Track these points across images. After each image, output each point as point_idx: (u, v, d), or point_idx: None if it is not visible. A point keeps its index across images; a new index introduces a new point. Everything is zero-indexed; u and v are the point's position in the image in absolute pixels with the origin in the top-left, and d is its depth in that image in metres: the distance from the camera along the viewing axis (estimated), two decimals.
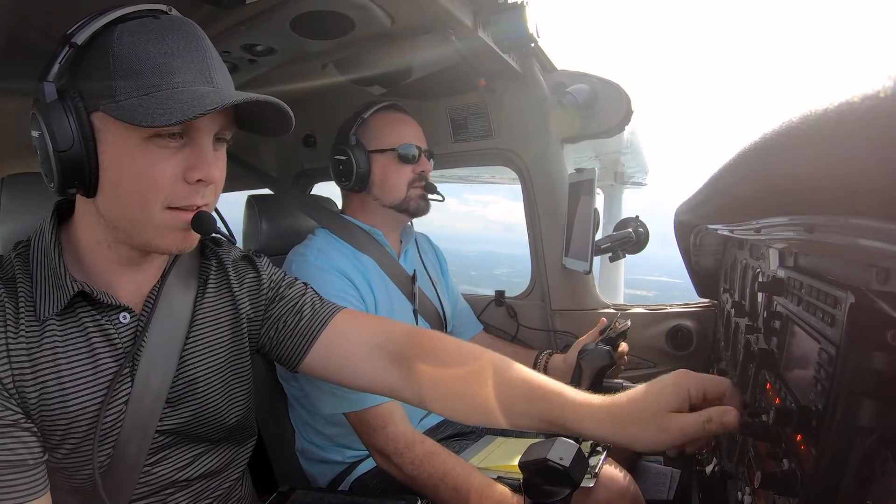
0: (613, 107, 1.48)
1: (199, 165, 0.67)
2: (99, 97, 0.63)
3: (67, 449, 0.70)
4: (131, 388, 0.73)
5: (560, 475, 0.57)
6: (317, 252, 1.23)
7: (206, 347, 0.81)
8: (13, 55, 1.02)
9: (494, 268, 34.64)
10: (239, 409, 0.86)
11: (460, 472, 0.98)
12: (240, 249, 0.91)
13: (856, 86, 0.27)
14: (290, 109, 0.70)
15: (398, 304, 1.32)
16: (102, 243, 0.71)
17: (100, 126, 0.64)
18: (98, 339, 0.72)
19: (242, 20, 1.07)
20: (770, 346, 0.74)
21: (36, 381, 0.67)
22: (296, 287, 0.91)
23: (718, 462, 0.94)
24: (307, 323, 0.87)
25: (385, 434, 1.05)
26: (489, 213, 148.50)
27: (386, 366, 0.85)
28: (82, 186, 0.66)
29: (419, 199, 1.33)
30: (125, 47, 0.63)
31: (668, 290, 21.42)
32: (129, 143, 0.64)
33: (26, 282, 0.69)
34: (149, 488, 0.77)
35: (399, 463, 1.03)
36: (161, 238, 0.69)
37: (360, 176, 1.30)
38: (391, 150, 1.29)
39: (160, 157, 0.65)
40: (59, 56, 0.64)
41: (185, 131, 0.66)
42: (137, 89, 0.63)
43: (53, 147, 0.63)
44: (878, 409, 0.44)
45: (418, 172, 1.31)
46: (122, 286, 0.75)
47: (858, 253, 0.48)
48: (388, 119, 1.33)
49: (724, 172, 0.66)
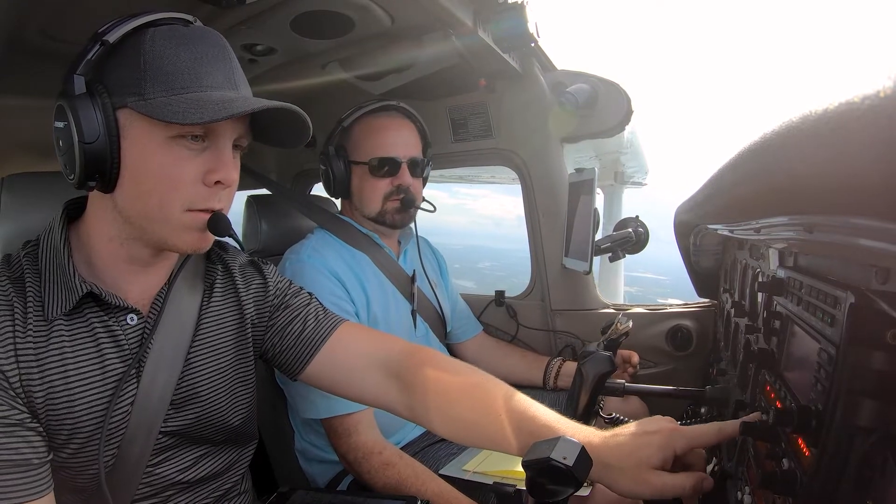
0: (614, 106, 1.48)
1: (219, 168, 0.69)
2: (127, 94, 0.65)
3: (73, 449, 0.70)
4: (137, 390, 0.73)
5: (563, 474, 0.57)
6: (311, 250, 1.23)
7: (211, 351, 0.82)
8: (13, 55, 1.02)
9: (478, 261, 34.53)
10: (242, 412, 0.86)
11: (413, 482, 1.01)
12: (246, 255, 0.92)
13: (856, 85, 0.26)
14: (310, 122, 0.72)
15: (395, 304, 1.32)
16: (115, 240, 0.72)
17: (125, 123, 0.66)
18: (105, 340, 0.72)
19: (242, 20, 1.06)
20: (770, 346, 0.74)
21: (43, 380, 0.67)
22: (301, 296, 0.92)
23: (718, 462, 0.94)
24: (311, 333, 0.88)
25: (348, 442, 1.09)
26: (479, 207, 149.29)
27: (384, 381, 0.86)
28: (102, 180, 0.67)
29: (395, 212, 1.29)
30: (157, 49, 0.65)
31: (652, 286, 21.21)
32: (153, 141, 0.66)
33: (35, 281, 0.70)
34: (151, 489, 0.78)
35: (358, 471, 1.08)
36: (178, 237, 0.70)
37: (340, 186, 1.29)
38: (364, 163, 1.27)
39: (182, 158, 0.67)
40: (90, 52, 0.65)
41: (206, 135, 0.68)
42: (167, 90, 0.64)
43: (79, 138, 0.64)
44: (878, 409, 0.44)
45: (396, 185, 1.27)
46: (130, 287, 0.75)
47: (858, 253, 0.48)
48: (371, 126, 1.28)
49: (724, 172, 0.66)
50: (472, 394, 0.80)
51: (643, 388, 1.15)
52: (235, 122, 0.69)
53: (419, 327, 1.37)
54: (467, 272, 27.89)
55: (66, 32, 0.71)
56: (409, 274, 1.38)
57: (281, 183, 1.97)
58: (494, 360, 1.56)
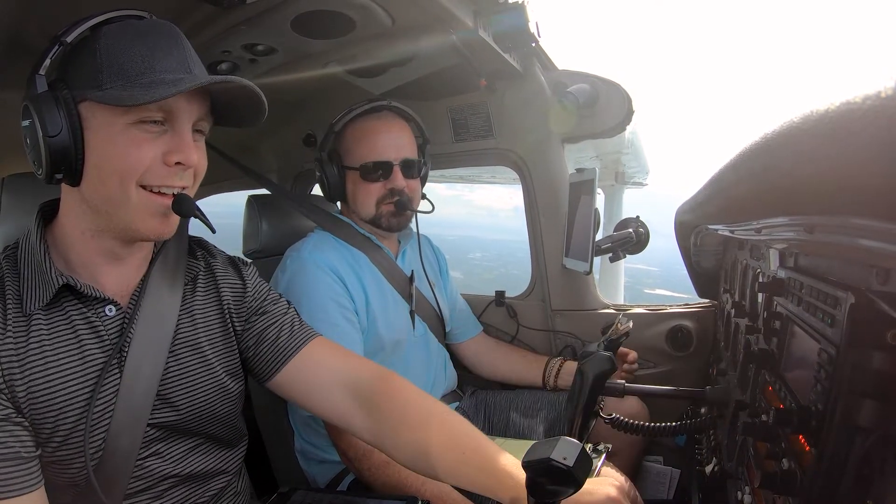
0: (614, 106, 1.48)
1: (179, 149, 0.71)
2: (86, 88, 0.68)
3: (58, 441, 0.71)
4: (120, 381, 0.75)
5: (563, 475, 0.57)
6: (311, 247, 1.24)
7: (197, 344, 0.83)
8: (13, 55, 1.02)
9: (469, 252, 34.39)
10: (231, 407, 0.88)
11: (413, 481, 1.01)
12: (226, 254, 0.94)
13: (857, 86, 0.27)
14: (262, 93, 0.74)
15: (394, 304, 1.32)
16: (87, 233, 0.74)
17: (86, 115, 0.69)
18: (85, 331, 0.74)
19: (243, 20, 1.06)
20: (770, 346, 0.74)
21: (24, 374, 0.69)
22: (279, 304, 0.93)
23: (718, 462, 0.94)
24: (285, 342, 0.89)
25: (349, 439, 1.08)
26: (475, 198, 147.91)
27: (349, 401, 0.87)
28: (68, 172, 0.69)
29: (390, 216, 1.29)
30: (111, 44, 0.68)
31: (643, 277, 20.94)
32: (114, 128, 0.68)
33: (14, 281, 0.72)
34: (143, 482, 0.79)
35: (358, 468, 1.08)
36: (141, 221, 0.72)
37: (335, 191, 1.30)
38: (356, 168, 1.27)
39: (142, 140, 0.70)
40: (50, 52, 0.69)
41: (165, 119, 0.71)
42: (123, 79, 0.68)
43: (43, 132, 0.67)
44: (878, 409, 0.44)
45: (388, 189, 1.27)
46: (107, 279, 0.77)
47: (858, 253, 0.48)
48: (362, 130, 1.28)
49: (724, 172, 0.66)
50: (437, 428, 0.82)
51: (643, 388, 1.15)
52: (193, 105, 0.72)
53: (418, 327, 1.37)
54: (457, 263, 27.73)
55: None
56: (408, 274, 1.38)
57: (281, 183, 1.97)
58: (494, 360, 1.57)
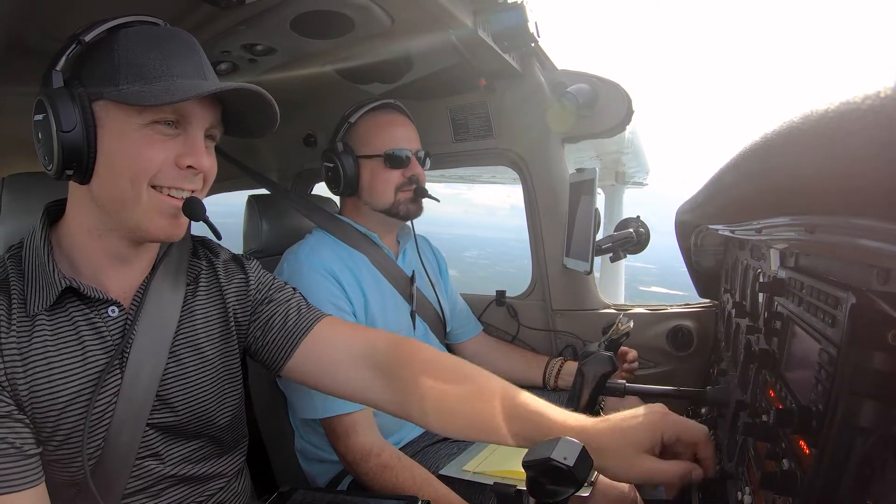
0: (614, 106, 1.48)
1: (191, 153, 0.72)
2: (103, 87, 0.68)
3: (58, 440, 0.72)
4: (121, 381, 0.75)
5: (564, 475, 0.57)
6: (308, 250, 1.25)
7: (196, 344, 0.83)
8: (13, 55, 1.03)
9: (465, 250, 34.29)
10: (231, 409, 0.87)
11: (410, 486, 1.02)
12: (229, 251, 0.94)
13: (857, 85, 0.26)
14: (276, 104, 0.74)
15: (394, 305, 1.32)
16: (94, 233, 0.74)
17: (101, 114, 0.69)
18: (87, 332, 0.74)
19: (242, 20, 1.06)
20: (771, 346, 0.74)
21: (26, 373, 0.69)
22: (284, 291, 0.93)
23: (718, 462, 0.94)
24: (292, 326, 0.88)
25: (347, 443, 1.09)
26: (473, 196, 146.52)
27: (368, 375, 0.85)
28: (79, 169, 0.69)
29: (409, 202, 1.32)
30: (130, 46, 0.70)
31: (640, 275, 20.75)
32: (128, 128, 0.69)
33: (18, 281, 0.73)
34: (141, 483, 0.79)
35: (357, 472, 1.09)
36: (150, 221, 0.72)
37: (349, 181, 1.30)
38: (378, 155, 1.29)
39: (155, 141, 0.70)
40: (68, 50, 0.70)
41: (179, 122, 0.71)
42: (140, 80, 0.69)
43: (57, 128, 0.67)
44: (878, 409, 0.44)
45: (408, 177, 1.30)
46: (110, 281, 0.77)
47: (859, 253, 0.47)
48: (378, 122, 1.31)
49: (725, 172, 0.66)
50: (462, 384, 0.80)
51: (643, 388, 1.14)
52: (206, 111, 0.73)
53: (418, 328, 1.37)
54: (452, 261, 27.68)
55: (66, 32, 0.72)
56: (409, 274, 1.37)
57: (281, 183, 1.97)
58: (495, 360, 1.56)
